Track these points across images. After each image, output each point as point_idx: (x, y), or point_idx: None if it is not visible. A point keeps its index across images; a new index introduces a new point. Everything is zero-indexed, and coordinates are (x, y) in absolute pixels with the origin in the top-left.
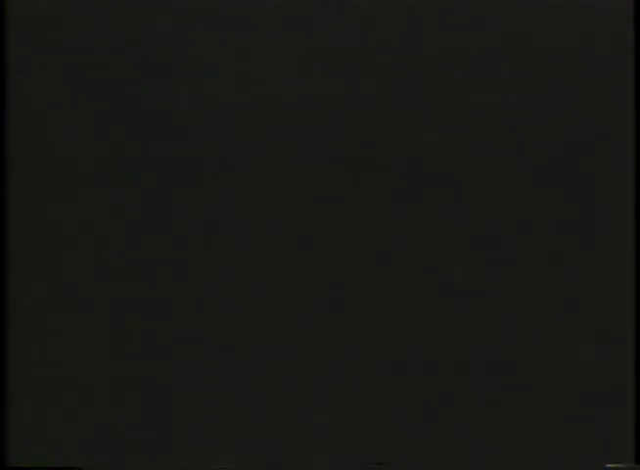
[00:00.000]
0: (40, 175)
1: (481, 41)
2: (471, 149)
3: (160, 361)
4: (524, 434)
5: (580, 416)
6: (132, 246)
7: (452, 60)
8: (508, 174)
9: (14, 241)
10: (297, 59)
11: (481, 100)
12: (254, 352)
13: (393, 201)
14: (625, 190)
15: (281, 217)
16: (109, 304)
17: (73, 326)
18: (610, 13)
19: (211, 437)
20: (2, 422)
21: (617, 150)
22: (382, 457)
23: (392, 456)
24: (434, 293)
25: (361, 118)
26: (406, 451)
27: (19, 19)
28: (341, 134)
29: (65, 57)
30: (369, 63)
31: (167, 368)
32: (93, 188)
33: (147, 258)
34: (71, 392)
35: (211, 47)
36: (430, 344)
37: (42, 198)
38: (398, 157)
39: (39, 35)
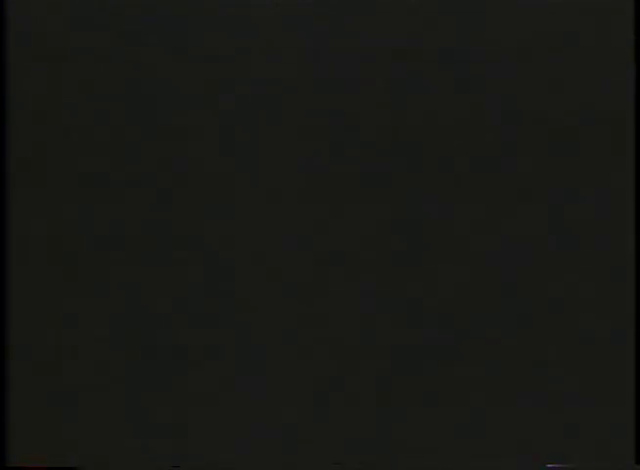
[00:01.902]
0: (40, 176)
1: (480, 40)
2: (470, 148)
3: (160, 362)
4: (521, 432)
5: (580, 415)
6: (133, 246)
7: (452, 58)
8: (506, 173)
9: (14, 241)
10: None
11: (479, 99)
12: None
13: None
14: (625, 191)
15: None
16: (109, 304)
17: (74, 326)
18: (610, 13)
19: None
20: (2, 422)
21: (616, 150)
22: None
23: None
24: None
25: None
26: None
27: (19, 19)
28: (341, 132)
29: (65, 57)
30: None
31: (168, 369)
32: (94, 188)
33: (147, 259)
34: (72, 392)
35: (213, 48)
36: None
37: (42, 198)
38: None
39: (39, 35)
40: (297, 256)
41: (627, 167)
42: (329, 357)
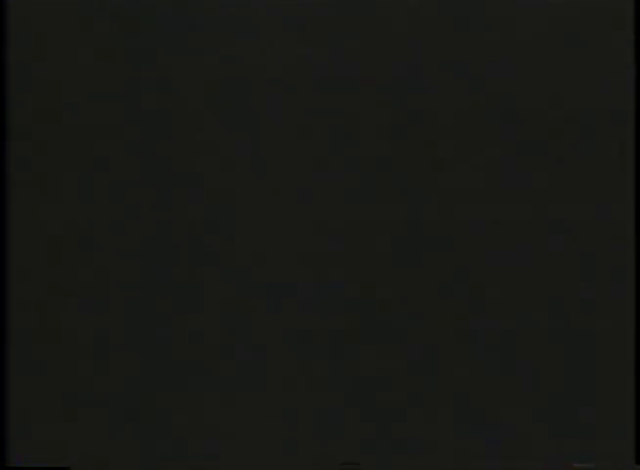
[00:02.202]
0: (40, 175)
1: (480, 40)
2: (471, 148)
3: (160, 362)
4: (521, 433)
5: (580, 415)
6: (133, 245)
7: (452, 58)
8: (506, 174)
9: (14, 242)
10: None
11: (479, 99)
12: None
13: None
14: (625, 191)
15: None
16: (109, 304)
17: (74, 327)
18: (610, 13)
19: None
20: (2, 422)
21: (616, 151)
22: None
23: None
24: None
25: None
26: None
27: (19, 19)
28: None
29: (65, 57)
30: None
31: (168, 370)
32: (94, 188)
33: (148, 259)
34: (72, 392)
35: (215, 48)
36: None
37: (42, 198)
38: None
39: (40, 35)
40: (296, 254)
41: (627, 167)
42: (328, 357)
